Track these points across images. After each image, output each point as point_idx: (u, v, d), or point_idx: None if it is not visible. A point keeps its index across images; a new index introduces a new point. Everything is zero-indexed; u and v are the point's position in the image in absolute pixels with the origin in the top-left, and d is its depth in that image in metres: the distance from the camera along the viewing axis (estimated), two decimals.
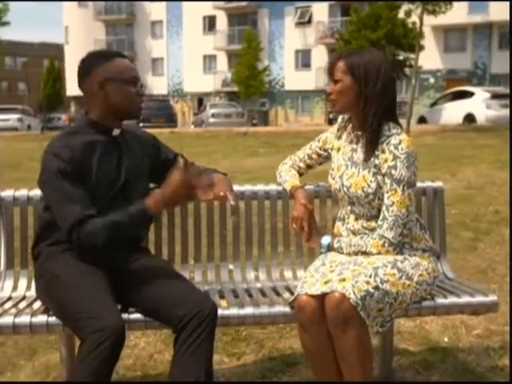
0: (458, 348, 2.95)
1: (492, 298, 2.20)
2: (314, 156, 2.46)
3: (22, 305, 2.20)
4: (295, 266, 2.56)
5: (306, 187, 2.54)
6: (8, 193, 2.40)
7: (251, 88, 33.51)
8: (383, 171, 2.16)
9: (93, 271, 2.01)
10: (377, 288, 2.01)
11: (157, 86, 42.78)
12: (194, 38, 41.00)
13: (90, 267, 2.02)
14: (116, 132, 2.19)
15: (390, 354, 2.63)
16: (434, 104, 22.27)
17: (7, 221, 2.39)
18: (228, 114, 27.23)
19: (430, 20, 18.48)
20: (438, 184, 2.65)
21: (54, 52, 52.45)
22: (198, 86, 40.97)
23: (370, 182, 2.18)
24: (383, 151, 2.16)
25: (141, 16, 43.25)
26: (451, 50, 34.08)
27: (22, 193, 2.41)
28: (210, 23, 41.04)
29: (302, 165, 2.49)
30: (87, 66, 2.14)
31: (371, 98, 2.14)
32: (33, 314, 2.03)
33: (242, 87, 33.66)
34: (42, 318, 2.01)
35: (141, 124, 27.13)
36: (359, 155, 2.24)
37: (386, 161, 2.15)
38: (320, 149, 2.43)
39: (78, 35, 43.80)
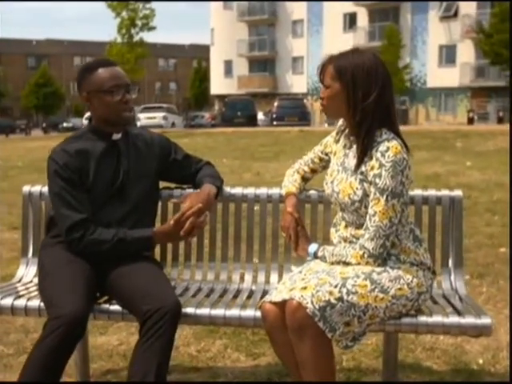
0: (489, 372, 2.71)
1: (484, 320, 2.01)
2: (317, 160, 2.41)
3: (32, 289, 2.41)
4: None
5: (311, 191, 2.51)
6: (36, 188, 2.66)
7: None
8: (369, 179, 2.07)
9: (76, 262, 2.17)
10: (340, 299, 1.94)
11: (296, 84, 43.30)
12: (334, 35, 40.77)
13: (74, 258, 2.18)
14: (116, 136, 2.33)
15: (394, 368, 2.49)
16: None
17: (35, 214, 2.64)
18: None
19: None
20: (457, 193, 2.45)
21: (202, 53, 55.23)
22: None
23: (356, 189, 2.10)
24: (371, 158, 2.07)
25: (282, 15, 43.97)
26: None
27: (48, 189, 2.64)
28: (350, 20, 40.60)
29: (306, 169, 2.46)
30: (77, 81, 2.32)
31: (360, 105, 2.04)
32: (29, 299, 2.23)
33: None
34: (35, 303, 2.20)
35: (274, 122, 27.80)
36: (350, 161, 2.16)
37: (372, 168, 2.05)
38: (322, 153, 2.38)
39: (222, 36, 45.72)
